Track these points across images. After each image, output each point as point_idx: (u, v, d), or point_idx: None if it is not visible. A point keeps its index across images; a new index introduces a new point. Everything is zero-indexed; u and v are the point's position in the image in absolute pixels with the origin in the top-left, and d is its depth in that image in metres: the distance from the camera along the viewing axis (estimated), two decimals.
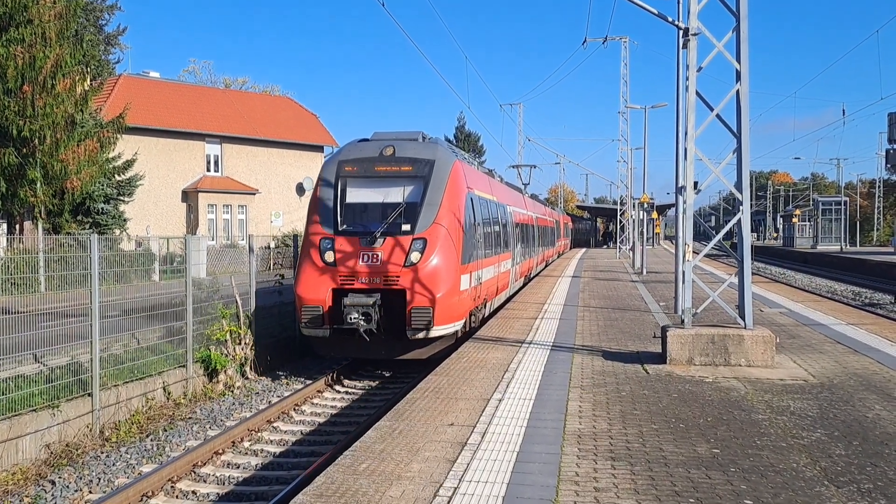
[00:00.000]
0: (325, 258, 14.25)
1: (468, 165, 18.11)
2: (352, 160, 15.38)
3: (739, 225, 11.56)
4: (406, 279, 13.93)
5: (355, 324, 13.60)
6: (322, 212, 14.83)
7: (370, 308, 13.61)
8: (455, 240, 14.54)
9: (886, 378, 10.32)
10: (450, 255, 14.31)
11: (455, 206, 14.91)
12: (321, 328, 14.15)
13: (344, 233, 14.50)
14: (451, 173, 15.12)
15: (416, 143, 15.77)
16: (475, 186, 17.43)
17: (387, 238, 14.20)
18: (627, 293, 23.33)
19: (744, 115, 11.31)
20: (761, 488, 6.05)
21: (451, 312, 14.25)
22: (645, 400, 9.02)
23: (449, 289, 14.13)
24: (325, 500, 5.84)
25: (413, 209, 14.53)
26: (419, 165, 15.00)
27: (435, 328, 13.94)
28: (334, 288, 14.12)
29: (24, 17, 24.02)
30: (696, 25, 11.44)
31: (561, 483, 6.17)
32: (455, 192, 15.05)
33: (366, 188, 15.08)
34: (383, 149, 15.32)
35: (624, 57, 56.39)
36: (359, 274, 14.07)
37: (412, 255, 14.02)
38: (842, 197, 72.51)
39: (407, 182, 14.87)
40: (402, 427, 7.87)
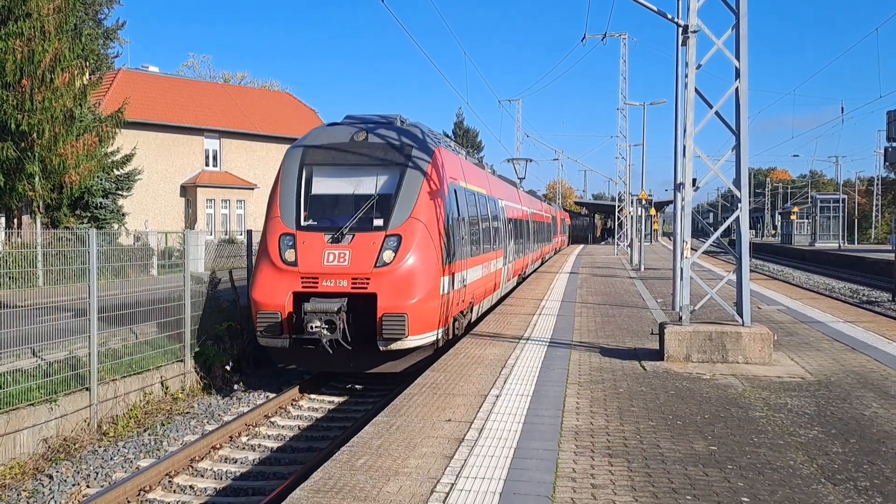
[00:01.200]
0: (285, 257, 12.72)
1: (452, 153, 16.43)
2: (318, 146, 13.88)
3: (738, 222, 11.56)
4: (377, 282, 12.38)
5: (316, 334, 12.02)
6: (283, 204, 13.31)
7: (334, 315, 12.01)
8: (434, 236, 13.00)
9: (884, 376, 10.34)
10: (428, 253, 12.78)
11: (435, 198, 13.34)
12: (279, 337, 12.59)
13: (307, 228, 13.02)
14: (432, 161, 13.61)
15: (392, 127, 14.25)
16: (460, 177, 15.97)
17: (356, 235, 12.71)
18: (625, 290, 23.33)
19: (743, 112, 11.30)
20: (758, 485, 6.07)
21: (429, 319, 12.70)
22: (642, 397, 9.04)
23: (427, 292, 12.61)
24: (322, 495, 5.85)
25: (387, 202, 12.99)
26: (395, 152, 13.50)
27: (410, 338, 12.38)
28: (295, 291, 12.56)
29: (23, 11, 23.94)
30: (696, 23, 11.43)
31: (558, 479, 6.18)
32: (435, 182, 13.51)
33: (334, 178, 13.62)
34: (354, 134, 13.84)
35: (623, 54, 56.31)
36: (323, 275, 12.49)
37: (384, 254, 12.50)
38: (840, 194, 72.52)
39: (380, 171, 13.36)
40: (399, 423, 7.88)
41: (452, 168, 15.10)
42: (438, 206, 13.38)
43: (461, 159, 17.57)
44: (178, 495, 9.30)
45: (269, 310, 12.53)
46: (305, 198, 13.38)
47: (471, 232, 16.07)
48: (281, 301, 12.50)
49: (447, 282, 13.37)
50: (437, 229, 13.11)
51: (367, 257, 12.50)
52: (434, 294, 12.76)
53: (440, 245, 13.07)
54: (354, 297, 12.42)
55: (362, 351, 12.60)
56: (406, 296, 12.35)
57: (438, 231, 13.16)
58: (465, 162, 17.99)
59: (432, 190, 13.34)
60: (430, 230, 12.89)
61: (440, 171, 13.82)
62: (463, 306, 15.09)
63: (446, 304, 13.44)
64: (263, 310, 12.59)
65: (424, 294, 12.55)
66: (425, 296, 12.56)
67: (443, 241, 13.23)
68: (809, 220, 72.06)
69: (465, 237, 15.12)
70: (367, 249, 12.55)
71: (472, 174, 18.14)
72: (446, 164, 14.43)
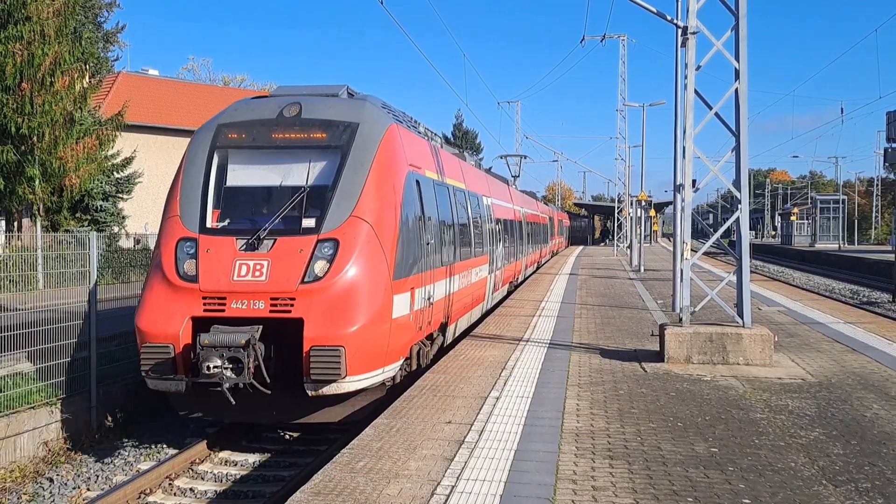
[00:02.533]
0: (183, 270, 9.64)
1: (416, 136, 13.00)
2: (237, 124, 10.85)
3: (738, 223, 11.56)
4: (305, 302, 9.29)
5: (216, 376, 8.96)
6: (184, 200, 10.24)
7: (241, 351, 8.90)
8: (386, 241, 9.96)
9: (885, 377, 10.33)
10: (375, 263, 9.75)
11: (387, 191, 10.32)
12: (172, 379, 9.40)
13: (214, 231, 9.95)
14: (383, 143, 10.54)
15: (335, 100, 11.21)
16: (427, 166, 12.77)
17: (278, 240, 9.63)
18: (625, 291, 23.32)
19: (742, 113, 11.31)
20: (759, 487, 6.06)
21: (375, 352, 9.62)
22: (643, 398, 9.03)
23: (372, 316, 9.50)
24: (322, 498, 5.84)
25: (321, 196, 10.01)
26: (335, 131, 10.48)
27: (349, 379, 9.25)
28: (194, 316, 9.44)
29: (23, 15, 23.98)
30: (695, 24, 11.44)
31: (559, 482, 6.17)
32: (388, 170, 10.48)
33: (254, 164, 10.65)
34: (284, 108, 10.78)
35: (622, 55, 56.35)
36: (233, 295, 9.39)
37: (315, 266, 9.46)
38: (840, 195, 72.57)
39: (316, 156, 10.37)
40: (399, 425, 7.87)
41: (415, 154, 12.05)
42: (391, 202, 10.33)
43: (432, 145, 14.19)
44: (178, 497, 9.23)
45: (157, 341, 9.42)
46: (215, 191, 10.38)
47: (442, 235, 13.00)
48: (174, 329, 9.36)
49: (403, 301, 10.33)
50: (389, 232, 10.09)
51: (291, 270, 9.43)
52: (382, 317, 9.70)
53: (393, 252, 10.05)
54: (274, 323, 9.38)
55: (287, 395, 9.56)
56: (343, 321, 9.27)
57: (391, 234, 10.11)
58: (437, 149, 14.62)
59: (384, 180, 10.33)
60: (379, 233, 9.90)
61: (396, 156, 10.85)
62: (430, 329, 12.09)
63: (403, 329, 10.36)
64: (150, 341, 9.46)
65: (369, 318, 9.45)
66: (370, 320, 9.46)
67: (397, 248, 10.18)
68: (809, 221, 72.07)
69: (432, 242, 12.01)
70: (293, 259, 9.50)
71: (448, 165, 15.14)
72: (406, 147, 11.40)
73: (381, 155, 10.44)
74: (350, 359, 9.17)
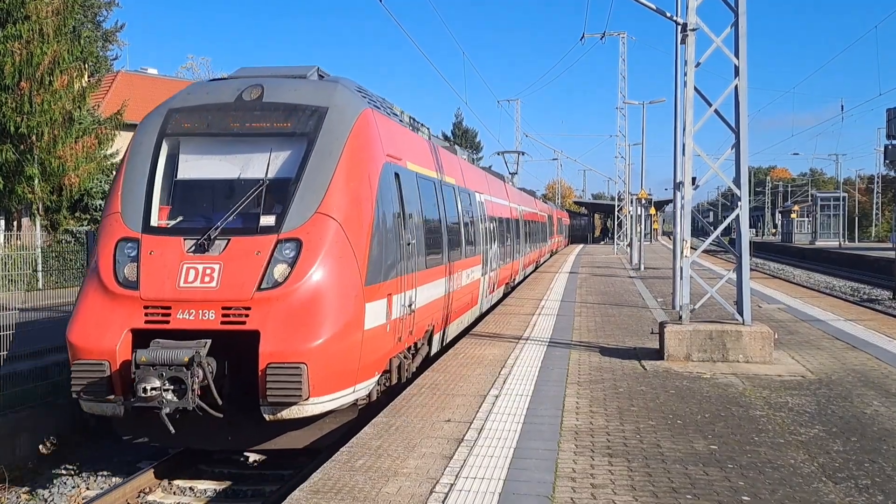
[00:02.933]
0: (122, 275, 8.43)
1: (396, 124, 11.66)
2: (190, 109, 9.62)
3: (738, 220, 11.55)
4: (262, 312, 8.11)
5: (154, 399, 7.71)
6: (126, 195, 9.01)
7: (183, 371, 7.70)
8: (357, 241, 8.80)
9: (885, 374, 10.32)
10: (344, 267, 8.60)
11: (359, 184, 9.16)
12: (108, 401, 8.19)
13: (158, 230, 8.75)
14: (356, 130, 9.34)
15: (302, 82, 10.00)
16: (408, 157, 11.49)
17: (232, 240, 8.44)
18: (625, 289, 23.32)
19: (742, 110, 11.29)
20: (759, 485, 6.04)
21: (345, 368, 8.47)
22: (642, 396, 9.01)
23: (341, 327, 8.36)
24: (321, 496, 5.83)
25: (283, 190, 8.83)
26: (301, 117, 9.28)
27: (312, 401, 8.06)
28: (135, 329, 8.22)
29: (22, 14, 23.98)
30: (695, 21, 11.42)
31: (558, 479, 6.16)
32: (361, 160, 9.32)
33: (210, 155, 9.42)
34: (244, 90, 9.58)
35: (622, 52, 56.43)
36: (179, 304, 8.20)
37: (275, 270, 8.29)
38: (840, 193, 72.55)
39: (278, 144, 9.19)
40: (398, 423, 7.86)
41: (395, 143, 10.84)
42: (365, 197, 9.19)
43: (416, 136, 13.03)
44: (177, 497, 9.17)
45: (90, 357, 8.15)
46: (164, 185, 9.17)
47: (427, 234, 11.83)
48: (109, 344, 8.11)
49: (379, 308, 9.17)
50: (361, 230, 8.93)
51: (247, 274, 8.25)
52: (353, 328, 8.54)
53: (366, 254, 8.89)
54: (227, 337, 8.17)
55: (245, 418, 8.33)
56: (306, 334, 8.11)
57: (364, 233, 8.96)
58: (422, 140, 13.44)
59: (356, 172, 9.17)
60: (349, 231, 8.72)
61: (371, 145, 9.68)
62: (412, 339, 11.00)
63: (378, 340, 9.23)
64: (83, 357, 8.21)
65: (336, 330, 8.30)
66: (338, 332, 8.30)
67: (371, 249, 9.02)
68: (810, 219, 72.08)
69: (414, 242, 10.84)
70: (249, 263, 8.32)
71: (434, 158, 13.88)
72: (383, 136, 10.22)
73: (353, 143, 9.24)
74: (314, 377, 7.99)
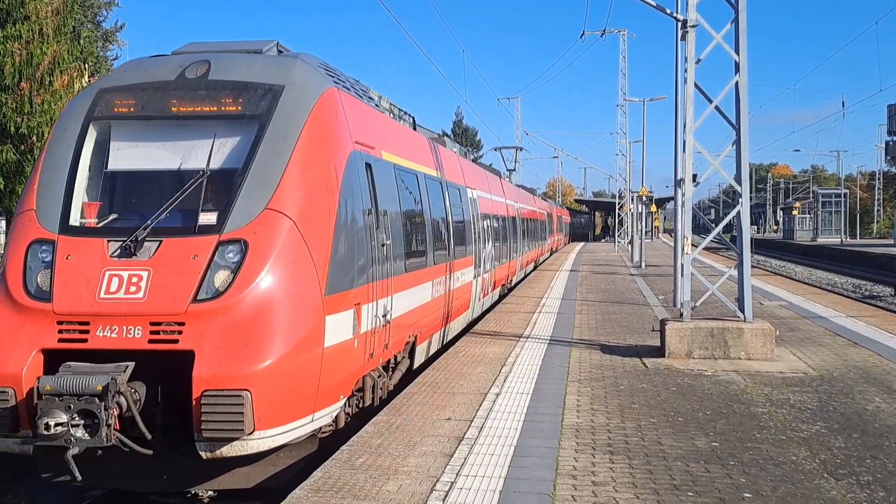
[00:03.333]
0: (34, 285, 7.08)
1: (369, 108, 10.14)
2: (124, 89, 8.19)
3: (739, 217, 11.53)
4: (198, 328, 6.78)
5: (59, 437, 6.34)
6: (43, 190, 7.67)
7: (94, 402, 6.31)
8: (316, 242, 7.48)
9: (886, 370, 10.30)
10: (300, 272, 7.28)
11: (320, 175, 7.81)
12: (13, 437, 6.77)
13: (78, 231, 7.38)
14: (316, 113, 7.97)
15: (256, 57, 8.55)
16: (384, 146, 10.10)
17: (164, 242, 7.10)
18: (626, 287, 23.31)
19: (743, 106, 11.27)
20: (760, 481, 6.03)
21: (300, 393, 7.10)
22: (643, 394, 9.00)
23: (294, 345, 7.03)
24: (321, 494, 5.82)
25: (227, 182, 7.47)
26: (252, 97, 7.91)
27: (259, 434, 6.69)
28: (46, 349, 6.85)
29: (22, 14, 23.96)
30: (695, 17, 11.41)
31: (558, 477, 6.14)
32: (322, 148, 7.96)
33: (146, 143, 8.01)
34: (188, 67, 8.17)
35: (622, 50, 56.46)
36: (99, 318, 6.84)
37: (215, 277, 6.95)
38: (842, 189, 72.56)
39: (225, 129, 7.80)
40: (399, 422, 7.84)
41: (367, 129, 9.42)
42: (327, 190, 7.84)
43: (395, 124, 11.66)
44: None
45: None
46: (90, 177, 7.80)
47: (407, 233, 10.61)
48: (14, 367, 6.71)
49: (343, 321, 7.82)
50: (321, 230, 7.60)
51: (180, 283, 6.91)
52: (309, 346, 7.23)
53: (327, 257, 7.56)
54: (156, 358, 6.80)
55: (182, 454, 6.88)
56: (250, 354, 6.77)
57: (324, 233, 7.63)
58: (401, 129, 12.02)
59: (315, 161, 7.81)
60: (305, 231, 7.40)
61: (335, 130, 8.30)
62: (388, 353, 9.66)
63: (344, 358, 7.87)
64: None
65: (289, 348, 6.97)
66: (290, 351, 6.98)
67: (334, 251, 7.69)
68: (811, 216, 72.06)
69: (389, 242, 9.49)
70: (183, 269, 6.99)
71: (418, 149, 12.56)
72: (351, 120, 8.76)
73: (313, 127, 7.86)
74: (260, 406, 6.62)
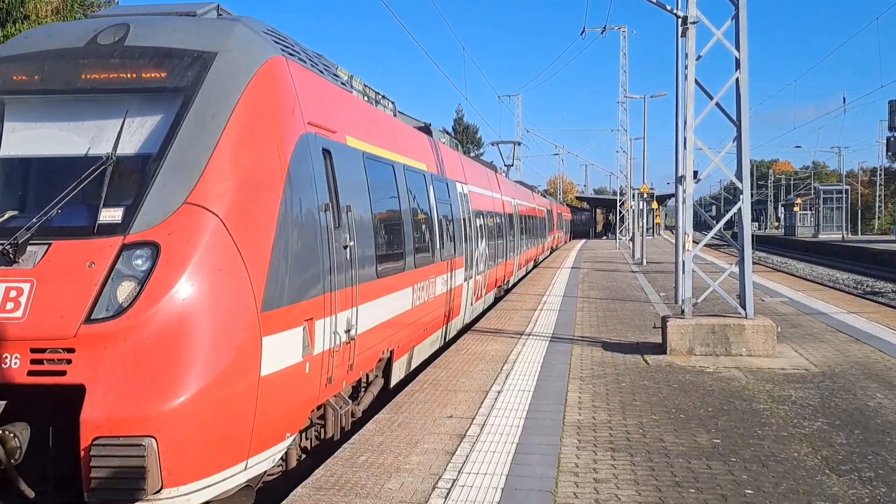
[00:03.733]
0: None
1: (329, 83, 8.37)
2: (22, 58, 6.83)
3: (740, 214, 11.52)
4: (92, 356, 5.34)
5: None
6: None
7: None
8: (251, 246, 6.03)
9: (888, 366, 10.29)
10: (227, 284, 5.82)
11: (258, 162, 6.36)
12: None
13: None
14: (255, 85, 6.52)
15: (186, 20, 7.05)
16: (351, 130, 8.49)
17: (53, 246, 5.68)
18: (627, 284, 23.30)
19: (743, 103, 11.26)
20: (762, 478, 6.03)
21: (227, 435, 5.69)
22: (645, 391, 9.00)
23: (217, 376, 5.57)
24: (324, 492, 5.82)
25: (139, 171, 6.06)
26: (177, 67, 6.45)
27: (167, 493, 5.25)
28: None
29: (21, 13, 23.98)
30: (695, 13, 11.39)
31: (560, 474, 6.14)
32: (261, 128, 6.49)
33: (48, 122, 6.57)
34: (102, 32, 6.76)
35: (623, 46, 56.39)
36: None
37: (117, 291, 5.51)
38: (843, 185, 72.58)
39: (141, 105, 6.34)
40: (401, 419, 7.85)
41: (324, 109, 7.80)
42: (267, 181, 6.38)
43: (366, 106, 10.03)
44: None
45: None
46: None
47: (379, 233, 9.07)
48: None
49: (288, 341, 6.38)
50: (258, 229, 6.15)
51: (71, 298, 5.46)
52: (238, 375, 5.74)
53: (265, 263, 6.10)
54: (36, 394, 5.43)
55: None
56: (158, 390, 5.32)
57: (263, 232, 6.18)
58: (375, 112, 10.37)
59: (252, 145, 6.33)
60: (236, 231, 5.92)
61: (280, 106, 6.76)
62: (354, 375, 8.08)
63: (290, 387, 6.43)
64: None
65: (209, 380, 5.50)
66: (211, 384, 5.50)
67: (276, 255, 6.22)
68: (812, 212, 72.08)
69: (354, 244, 7.80)
70: (76, 279, 5.53)
71: (395, 136, 10.98)
72: (303, 96, 7.20)
73: (251, 103, 6.33)
74: (169, 457, 5.18)
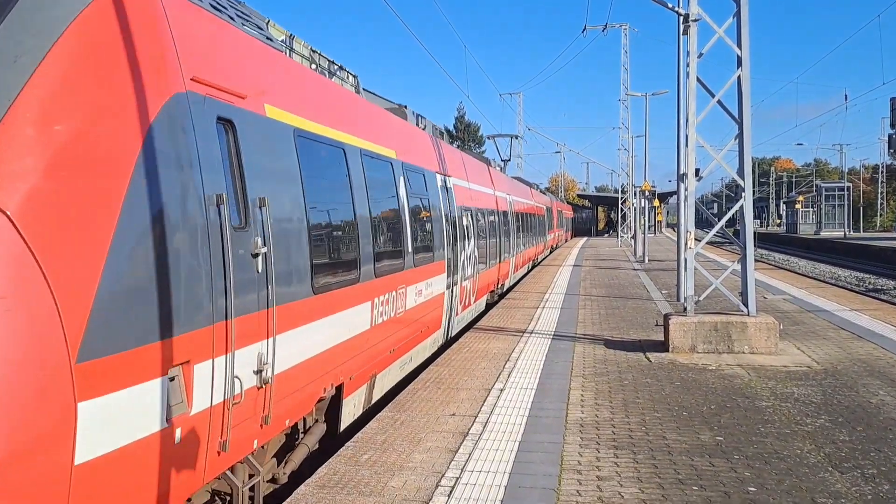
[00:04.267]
0: None
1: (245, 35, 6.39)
2: None
3: (742, 211, 11.52)
4: None
5: None
6: None
7: None
8: (65, 258, 3.83)
9: (890, 363, 10.29)
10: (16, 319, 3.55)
11: (85, 130, 4.10)
12: None
13: None
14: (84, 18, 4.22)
15: None
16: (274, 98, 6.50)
17: None
18: (629, 281, 23.30)
19: (745, 100, 11.25)
20: (765, 475, 6.03)
21: None
22: (647, 388, 9.00)
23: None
24: (327, 491, 5.83)
25: None
26: None
27: None
28: None
29: None
30: (697, 11, 11.39)
31: (563, 472, 6.15)
32: (93, 80, 4.23)
33: None
34: None
35: (624, 44, 56.33)
36: None
37: None
38: (845, 183, 72.40)
39: None
40: (403, 418, 7.85)
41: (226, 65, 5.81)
42: (101, 159, 4.19)
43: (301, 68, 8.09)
44: None
45: None
46: None
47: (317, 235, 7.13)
48: None
49: (140, 401, 4.30)
50: (82, 232, 4.00)
51: None
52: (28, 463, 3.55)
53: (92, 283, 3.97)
54: None
55: None
56: None
57: (91, 237, 4.04)
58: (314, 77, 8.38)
59: (77, 105, 4.14)
60: (37, 235, 3.74)
61: (136, 48, 4.55)
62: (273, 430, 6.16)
63: (142, 471, 4.36)
64: None
65: None
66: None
67: (110, 269, 4.09)
68: (814, 209, 71.97)
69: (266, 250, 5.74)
70: None
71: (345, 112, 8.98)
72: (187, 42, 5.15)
73: (80, 43, 4.24)
74: None
